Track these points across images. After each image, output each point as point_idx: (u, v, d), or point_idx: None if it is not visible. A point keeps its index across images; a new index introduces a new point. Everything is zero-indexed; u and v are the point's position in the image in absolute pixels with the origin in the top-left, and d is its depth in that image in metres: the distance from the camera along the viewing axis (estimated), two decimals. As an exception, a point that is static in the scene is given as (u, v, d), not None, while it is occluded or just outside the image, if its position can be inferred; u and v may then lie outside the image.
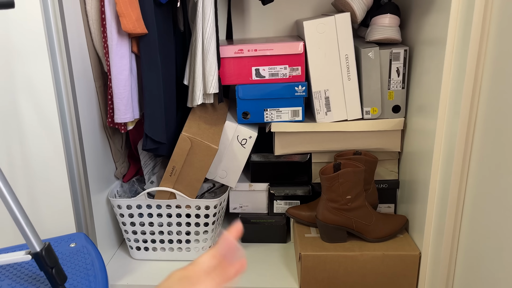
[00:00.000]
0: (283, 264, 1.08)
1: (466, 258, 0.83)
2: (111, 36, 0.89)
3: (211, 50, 0.95)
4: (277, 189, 1.13)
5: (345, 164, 0.98)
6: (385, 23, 1.01)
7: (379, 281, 0.97)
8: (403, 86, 1.04)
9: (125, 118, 0.95)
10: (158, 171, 1.21)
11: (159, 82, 0.96)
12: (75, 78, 0.91)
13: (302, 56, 1.03)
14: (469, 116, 0.79)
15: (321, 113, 1.06)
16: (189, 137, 0.96)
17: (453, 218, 0.85)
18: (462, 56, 0.79)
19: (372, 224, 0.99)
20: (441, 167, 0.88)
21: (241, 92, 1.05)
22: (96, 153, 1.02)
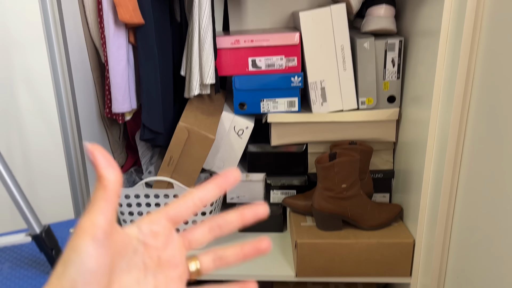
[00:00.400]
0: (279, 253, 1.09)
1: (459, 245, 0.85)
2: (108, 26, 0.90)
3: (208, 40, 0.96)
4: (273, 179, 1.14)
5: (341, 154, 0.99)
6: (380, 13, 1.02)
7: (374, 268, 0.99)
8: (398, 77, 1.05)
9: (122, 108, 0.95)
10: (156, 161, 1.22)
11: (156, 73, 0.96)
12: (73, 69, 0.91)
13: (298, 47, 1.04)
14: (462, 106, 0.80)
15: (317, 104, 1.07)
16: (186, 127, 0.97)
17: (446, 206, 0.86)
18: (456, 47, 0.80)
19: (367, 213, 1.01)
20: (435, 157, 0.89)
21: (237, 83, 1.06)
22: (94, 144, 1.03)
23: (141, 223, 0.34)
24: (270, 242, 0.37)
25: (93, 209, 0.30)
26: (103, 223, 0.30)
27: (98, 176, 0.31)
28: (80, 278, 0.29)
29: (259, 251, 0.37)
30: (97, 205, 0.30)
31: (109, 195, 0.30)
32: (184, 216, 0.35)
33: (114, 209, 0.31)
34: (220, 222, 0.36)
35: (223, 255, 0.37)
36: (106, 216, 0.30)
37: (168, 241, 0.34)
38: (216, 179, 0.36)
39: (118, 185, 0.31)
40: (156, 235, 0.34)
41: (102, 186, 0.31)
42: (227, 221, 0.36)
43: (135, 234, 0.33)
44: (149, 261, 0.34)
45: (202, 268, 0.36)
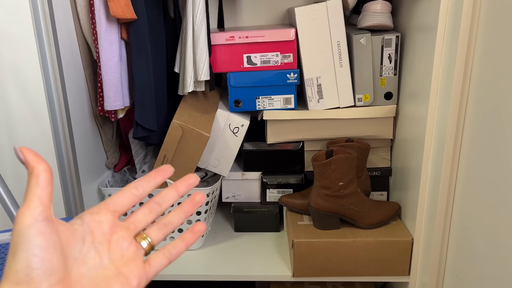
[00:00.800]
0: (276, 253, 1.08)
1: (458, 243, 0.84)
2: (100, 22, 0.88)
3: (202, 36, 0.94)
4: (270, 177, 1.13)
5: (337, 151, 0.98)
6: (376, 9, 1.00)
7: (372, 267, 0.98)
8: (395, 73, 1.04)
9: (115, 105, 0.94)
10: (150, 160, 1.20)
11: (149, 69, 0.95)
12: (64, 66, 0.89)
13: (293, 43, 1.02)
14: (460, 102, 0.79)
15: (313, 101, 1.05)
16: (180, 124, 0.95)
17: (444, 204, 0.85)
18: (453, 42, 0.78)
19: (365, 211, 0.99)
20: (433, 154, 0.88)
21: (232, 80, 1.05)
22: (87, 143, 1.01)
23: (83, 215, 0.37)
24: (203, 195, 0.41)
25: (28, 196, 0.32)
26: (40, 206, 0.32)
27: (28, 169, 0.32)
28: (32, 257, 0.30)
29: (196, 204, 0.41)
30: (31, 191, 0.32)
31: (42, 182, 0.32)
32: (124, 205, 0.38)
33: (50, 196, 0.33)
34: (158, 200, 0.40)
35: (166, 221, 0.40)
36: (42, 201, 0.32)
37: (113, 227, 0.37)
38: (153, 172, 0.40)
39: (50, 174, 0.33)
40: (100, 224, 0.36)
41: (34, 174, 0.32)
42: (163, 197, 0.40)
43: (79, 224, 0.36)
44: (100, 247, 0.36)
45: (153, 240, 0.39)
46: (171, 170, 0.41)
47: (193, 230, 0.41)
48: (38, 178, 0.32)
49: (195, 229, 0.41)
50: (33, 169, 0.32)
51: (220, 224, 1.22)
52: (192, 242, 0.41)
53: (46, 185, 0.32)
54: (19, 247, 0.30)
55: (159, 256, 0.40)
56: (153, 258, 0.39)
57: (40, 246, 0.31)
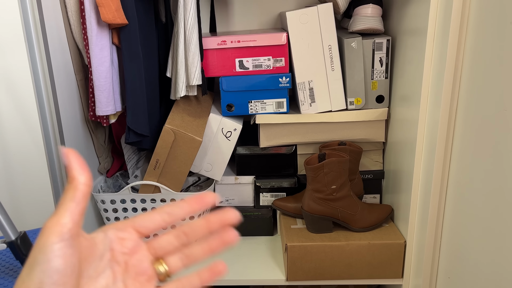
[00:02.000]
0: (269, 256, 1.08)
1: (450, 245, 0.84)
2: (91, 27, 0.88)
3: (193, 41, 0.94)
4: (263, 181, 1.13)
5: (330, 154, 0.98)
6: (367, 13, 1.01)
7: (365, 270, 0.98)
8: (387, 76, 1.04)
9: (106, 110, 0.93)
10: (142, 165, 1.20)
11: (140, 74, 0.94)
12: (55, 71, 0.89)
13: (285, 47, 1.03)
14: (450, 104, 0.80)
15: (305, 104, 1.05)
16: (173, 129, 0.95)
17: (436, 206, 0.85)
18: (443, 45, 0.79)
19: (358, 214, 0.99)
20: (424, 157, 0.88)
21: (224, 84, 1.05)
22: (78, 148, 1.00)
23: (107, 229, 0.35)
24: (236, 234, 0.38)
25: (61, 209, 0.30)
26: (70, 223, 0.30)
27: (69, 177, 0.31)
28: (46, 279, 0.29)
29: (225, 243, 0.37)
30: (65, 205, 0.30)
31: (78, 196, 0.31)
32: (151, 228, 0.36)
33: (82, 211, 0.31)
34: (186, 230, 0.37)
35: (189, 252, 0.37)
36: (73, 217, 0.30)
37: (134, 248, 0.35)
38: (192, 198, 0.37)
39: (88, 189, 0.31)
40: (122, 241, 0.35)
41: (73, 187, 0.31)
42: (193, 228, 0.37)
43: (101, 239, 0.34)
44: (117, 267, 0.34)
45: (171, 269, 0.37)
46: (214, 199, 0.37)
47: (213, 269, 0.37)
48: (75, 191, 0.31)
49: (215, 269, 0.37)
50: (73, 179, 0.31)
51: (213, 229, 1.22)
52: (208, 281, 0.38)
53: (81, 199, 0.31)
54: (37, 265, 0.29)
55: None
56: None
57: (58, 270, 0.29)
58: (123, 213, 1.05)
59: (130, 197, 1.03)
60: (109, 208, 1.04)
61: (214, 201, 0.37)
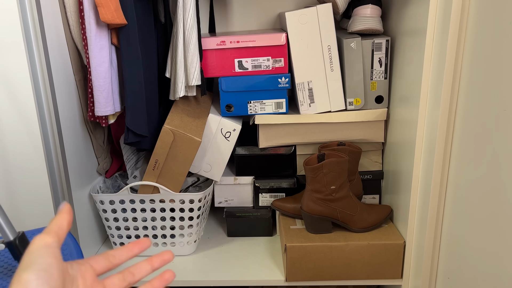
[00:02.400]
0: (269, 257, 1.08)
1: (450, 246, 0.84)
2: (90, 27, 0.88)
3: (193, 41, 0.94)
4: (262, 182, 1.13)
5: (329, 155, 0.98)
6: (366, 13, 1.01)
7: (364, 270, 0.98)
8: (386, 77, 1.04)
9: (105, 111, 0.93)
10: (141, 165, 1.20)
11: (140, 74, 0.94)
12: (53, 72, 0.89)
13: (284, 48, 1.03)
14: (450, 105, 0.80)
15: (304, 105, 1.05)
16: (172, 129, 0.95)
17: (435, 207, 0.85)
18: (442, 46, 0.79)
19: (357, 214, 0.99)
20: (424, 157, 0.88)
21: (224, 84, 1.04)
22: (77, 149, 1.00)
23: (72, 263, 0.41)
24: (172, 274, 0.45)
25: (50, 226, 0.38)
26: (56, 237, 0.38)
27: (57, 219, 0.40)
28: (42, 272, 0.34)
29: (165, 281, 0.45)
30: (54, 223, 0.39)
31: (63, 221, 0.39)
32: (102, 268, 0.43)
33: (63, 237, 0.39)
34: (133, 270, 0.44)
35: (130, 271, 0.44)
36: (58, 235, 0.38)
37: (93, 282, 0.41)
38: (133, 243, 0.45)
39: (68, 225, 0.40)
40: (84, 273, 0.40)
41: (58, 221, 0.39)
42: (138, 268, 0.44)
43: (70, 267, 0.39)
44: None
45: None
46: (149, 244, 0.46)
47: (162, 277, 0.45)
48: (61, 222, 0.39)
49: (165, 276, 0.45)
50: (60, 213, 0.40)
51: (212, 229, 1.22)
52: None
53: (64, 228, 0.39)
54: (34, 261, 0.35)
55: None
56: None
57: (52, 265, 0.35)
58: (122, 213, 1.05)
59: (129, 198, 1.03)
60: (108, 208, 1.04)
61: (148, 244, 0.46)
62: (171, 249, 1.10)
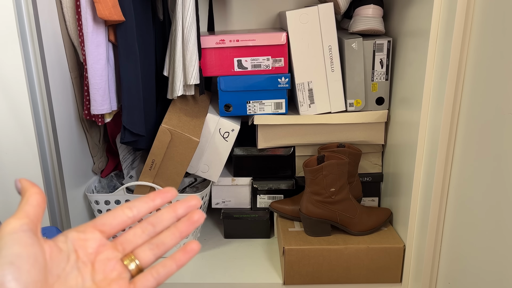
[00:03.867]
0: (266, 259, 1.06)
1: (450, 250, 0.83)
2: (86, 23, 0.86)
3: (192, 39, 0.92)
4: (260, 183, 1.11)
5: (329, 157, 0.97)
6: (368, 13, 1.00)
7: (363, 274, 0.96)
8: (387, 78, 1.03)
9: (102, 109, 0.91)
10: (138, 165, 1.18)
11: (137, 72, 0.92)
12: (49, 69, 0.87)
13: (285, 47, 1.01)
14: (453, 108, 0.79)
15: (304, 106, 1.04)
16: (169, 129, 0.93)
17: (437, 210, 0.84)
18: (446, 48, 0.78)
19: (356, 217, 0.98)
20: (425, 160, 0.87)
21: (223, 83, 1.03)
22: (72, 147, 0.98)
23: (67, 232, 0.35)
24: (202, 214, 0.38)
25: (16, 211, 0.32)
26: (26, 218, 0.31)
27: (22, 192, 0.34)
28: (7, 265, 0.29)
29: (193, 223, 0.37)
30: (20, 207, 0.32)
31: (32, 201, 0.33)
32: (114, 225, 0.36)
33: (38, 214, 0.33)
34: (152, 221, 0.37)
35: (158, 241, 0.37)
36: (28, 214, 0.32)
37: (98, 247, 0.35)
38: (153, 193, 0.38)
39: (40, 197, 0.33)
40: (85, 242, 0.35)
41: (26, 196, 0.33)
42: (159, 217, 0.37)
43: (62, 241, 0.34)
44: (83, 267, 0.34)
45: (142, 262, 0.37)
46: (174, 193, 0.38)
47: (186, 249, 0.37)
48: (29, 198, 0.33)
49: (188, 248, 0.37)
50: (25, 192, 0.33)
51: (209, 231, 1.20)
52: (184, 262, 0.37)
53: (35, 204, 0.33)
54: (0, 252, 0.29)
55: (146, 277, 0.36)
56: (140, 279, 0.36)
57: (19, 255, 0.29)
58: (118, 214, 1.03)
59: (125, 198, 1.01)
60: (103, 209, 1.02)
61: (175, 195, 0.38)
62: (167, 250, 1.08)
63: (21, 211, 0.32)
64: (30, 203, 0.33)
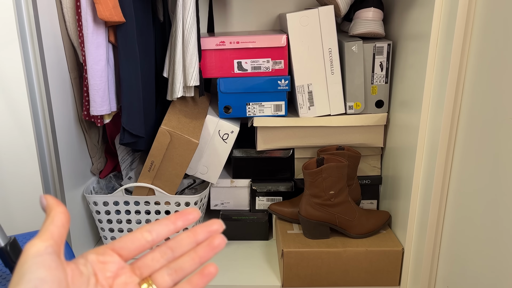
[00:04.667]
0: (265, 262, 1.06)
1: (449, 253, 0.83)
2: (87, 24, 0.86)
3: (192, 41, 0.92)
4: (259, 185, 1.11)
5: (328, 159, 0.97)
6: (368, 17, 1.00)
7: (362, 277, 0.96)
8: (387, 81, 1.03)
9: (101, 110, 0.91)
10: (136, 166, 1.18)
11: (137, 73, 0.92)
12: (48, 69, 0.86)
13: (285, 49, 1.01)
14: (453, 111, 0.79)
15: (304, 108, 1.04)
16: (169, 130, 0.93)
17: (436, 214, 0.84)
18: (446, 51, 0.78)
19: (355, 220, 0.98)
20: (425, 163, 0.87)
21: (222, 85, 1.03)
22: (71, 148, 0.98)
23: (87, 254, 0.35)
24: (224, 238, 0.37)
25: (41, 231, 0.32)
26: (50, 240, 0.31)
27: (47, 211, 0.33)
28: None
29: (213, 249, 0.36)
30: (44, 227, 0.32)
31: (57, 221, 0.32)
32: (132, 249, 0.35)
33: (62, 235, 0.32)
34: (172, 245, 0.36)
35: (177, 266, 0.36)
36: (52, 236, 0.32)
37: (117, 270, 0.35)
38: (175, 215, 0.36)
39: (65, 217, 0.33)
40: (104, 265, 0.34)
41: (51, 215, 0.33)
42: (178, 242, 0.36)
43: (83, 263, 0.34)
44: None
45: (160, 286, 0.35)
46: (197, 215, 0.36)
47: (203, 273, 0.36)
48: (54, 218, 0.32)
49: (205, 271, 0.36)
50: (50, 210, 0.33)
51: (208, 232, 1.20)
52: (201, 287, 0.36)
53: (60, 225, 0.33)
54: (22, 278, 0.29)
55: None
56: None
57: (44, 279, 0.29)
58: (116, 215, 1.03)
59: (123, 199, 1.00)
60: (102, 210, 1.02)
61: (197, 217, 0.37)
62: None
63: (46, 231, 0.32)
64: (55, 223, 0.32)
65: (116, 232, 1.05)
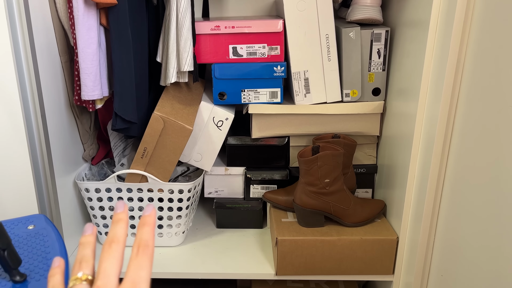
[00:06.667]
0: (259, 250, 1.05)
1: (444, 242, 0.82)
2: (77, 5, 0.83)
3: (186, 25, 0.90)
4: (253, 173, 1.10)
5: (324, 147, 0.95)
6: (366, 2, 0.98)
7: (356, 266, 0.96)
8: (384, 68, 1.02)
9: (93, 95, 0.89)
10: (129, 153, 1.16)
11: (129, 57, 0.90)
12: (38, 53, 0.84)
13: (281, 35, 0.99)
14: (451, 100, 0.78)
15: (300, 95, 1.02)
16: (162, 116, 0.91)
17: (431, 203, 0.84)
18: (445, 39, 0.76)
19: (350, 209, 0.97)
20: (421, 152, 0.86)
21: (217, 71, 1.01)
22: (62, 134, 0.96)
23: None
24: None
25: None
26: None
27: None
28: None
29: (144, 222, 0.38)
30: None
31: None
32: None
33: None
34: None
35: None
36: None
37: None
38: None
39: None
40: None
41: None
42: None
43: None
44: None
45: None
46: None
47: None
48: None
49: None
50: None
51: (201, 220, 1.19)
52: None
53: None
54: None
55: None
56: None
57: None
58: (108, 202, 1.01)
59: (115, 186, 0.99)
60: (94, 197, 1.00)
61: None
62: (158, 240, 1.06)
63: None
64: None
65: (108, 220, 1.03)
